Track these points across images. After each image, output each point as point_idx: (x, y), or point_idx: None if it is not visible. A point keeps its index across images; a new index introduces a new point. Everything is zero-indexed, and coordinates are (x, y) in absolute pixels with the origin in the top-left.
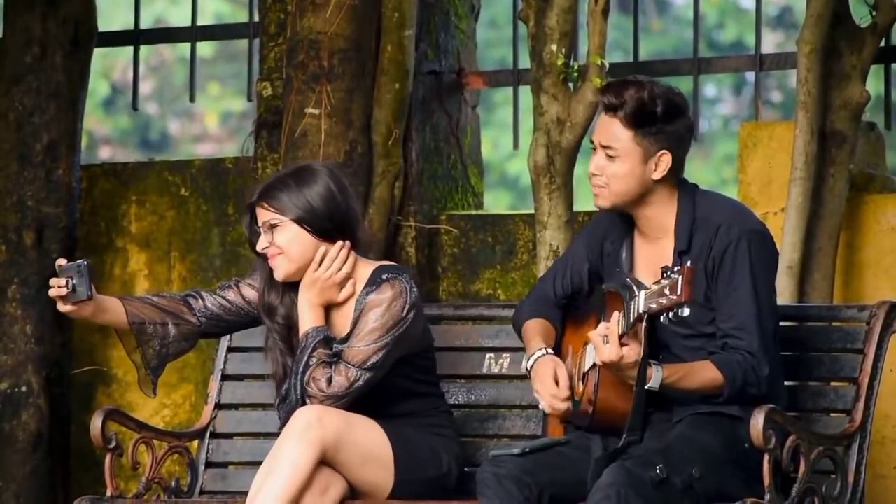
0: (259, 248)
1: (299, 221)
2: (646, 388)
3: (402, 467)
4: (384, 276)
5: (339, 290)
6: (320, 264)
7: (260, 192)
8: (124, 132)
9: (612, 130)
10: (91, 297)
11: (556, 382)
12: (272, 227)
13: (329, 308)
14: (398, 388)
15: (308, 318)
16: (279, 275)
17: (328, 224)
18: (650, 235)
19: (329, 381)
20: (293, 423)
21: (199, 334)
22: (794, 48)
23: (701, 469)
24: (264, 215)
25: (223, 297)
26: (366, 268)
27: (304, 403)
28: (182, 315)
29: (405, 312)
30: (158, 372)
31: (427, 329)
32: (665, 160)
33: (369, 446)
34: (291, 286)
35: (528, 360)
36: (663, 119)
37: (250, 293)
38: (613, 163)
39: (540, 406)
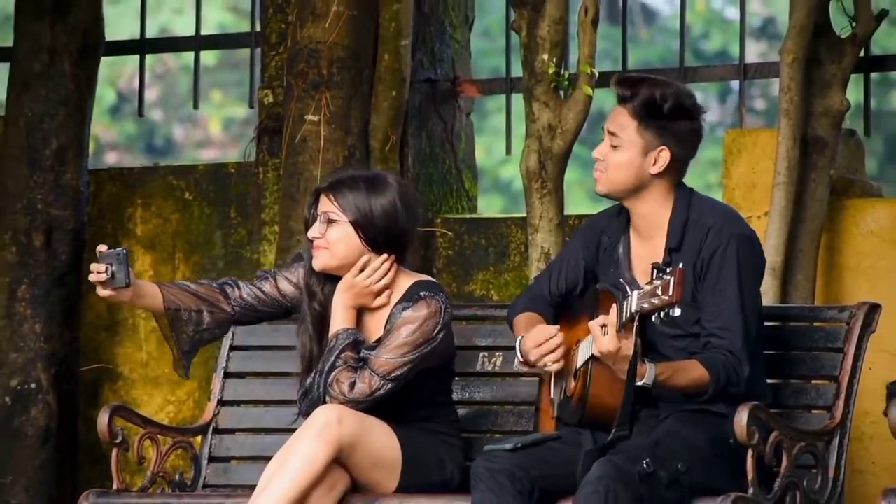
0: (310, 234)
1: (355, 225)
2: (639, 384)
3: (408, 472)
4: (421, 293)
5: (374, 297)
6: (361, 271)
7: (331, 183)
8: (130, 138)
9: (620, 119)
10: (129, 284)
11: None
12: (329, 220)
13: (361, 312)
14: (416, 395)
15: (340, 319)
16: (317, 264)
17: (381, 238)
18: (644, 233)
19: (352, 385)
20: (313, 419)
21: (233, 322)
22: (777, 58)
23: (687, 463)
24: (326, 205)
25: (259, 289)
26: (405, 280)
27: (325, 401)
28: (217, 303)
29: (436, 332)
30: (191, 356)
31: (452, 345)
32: (664, 156)
33: (382, 451)
34: (332, 277)
35: (517, 344)
36: (668, 116)
37: (286, 286)
38: (616, 151)
39: (549, 369)
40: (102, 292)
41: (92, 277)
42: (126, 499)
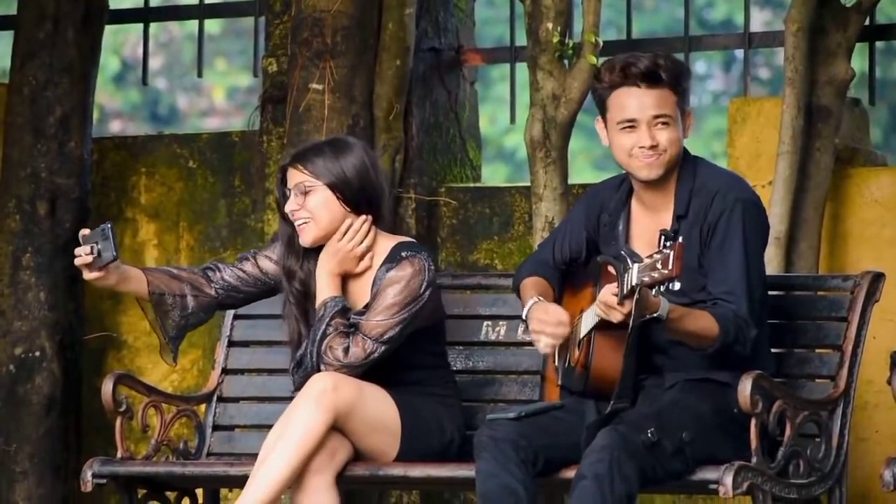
0: (288, 208)
1: (332, 188)
2: (653, 316)
3: (408, 436)
4: (403, 254)
5: (357, 262)
6: (343, 235)
7: (294, 155)
8: (134, 106)
9: (658, 98)
10: (116, 257)
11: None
12: (305, 191)
13: (346, 279)
14: (408, 359)
15: (326, 288)
16: (306, 239)
17: (359, 196)
18: (649, 203)
19: (346, 350)
20: (309, 387)
21: (217, 305)
22: (782, 26)
23: (691, 433)
24: (297, 177)
25: (240, 269)
26: (385, 242)
27: (318, 370)
28: (201, 287)
29: (422, 290)
30: (177, 342)
31: (440, 305)
32: (690, 119)
33: (379, 416)
34: (311, 253)
35: (524, 310)
36: (685, 80)
37: (267, 264)
38: (668, 129)
39: (539, 347)
40: (89, 275)
41: (77, 261)
42: (130, 467)
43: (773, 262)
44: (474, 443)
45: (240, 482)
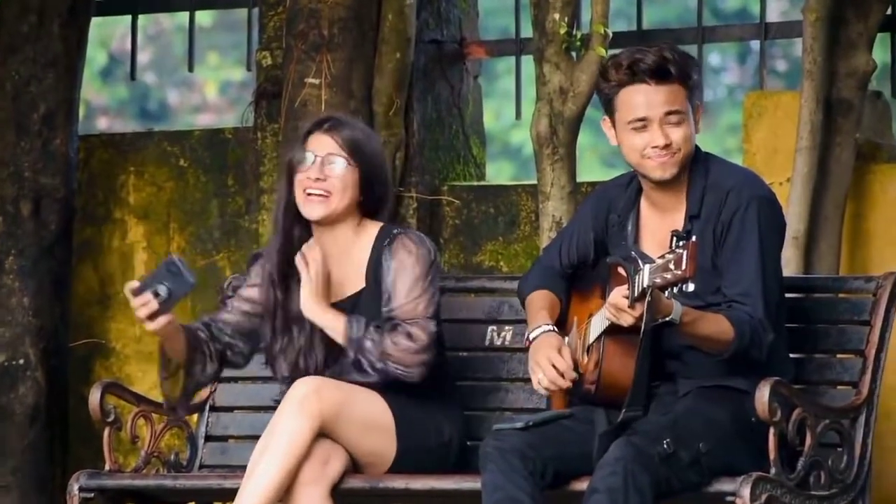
0: (305, 172)
1: (363, 174)
2: (666, 319)
3: (404, 435)
4: (395, 231)
5: (327, 285)
6: (307, 267)
7: (333, 122)
8: (122, 102)
9: (669, 95)
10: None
11: (558, 362)
12: (334, 162)
13: (338, 275)
14: None
15: (332, 321)
16: (316, 212)
17: (379, 194)
18: (660, 203)
19: (408, 335)
20: (290, 394)
21: (223, 365)
22: (800, 16)
23: (708, 443)
24: (329, 146)
25: (223, 322)
26: (370, 227)
27: (389, 372)
28: (215, 353)
29: (432, 256)
30: (189, 400)
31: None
32: (700, 113)
33: (370, 416)
34: (286, 283)
35: (531, 332)
36: (694, 74)
37: (252, 293)
38: (681, 127)
39: (534, 382)
40: (155, 324)
41: (141, 314)
42: (119, 480)
43: (791, 263)
44: (480, 454)
45: (234, 496)
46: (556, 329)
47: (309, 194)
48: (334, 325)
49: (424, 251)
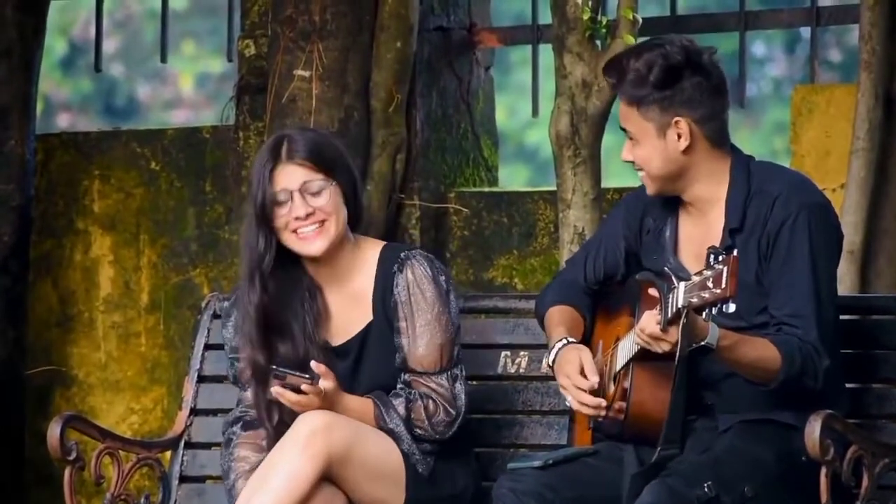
0: (294, 215)
1: (345, 188)
2: (701, 344)
3: (414, 483)
4: (402, 255)
5: (322, 398)
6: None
7: (287, 151)
8: (86, 97)
9: (622, 110)
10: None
11: (583, 374)
12: (316, 191)
13: (329, 305)
14: None
15: (350, 404)
16: (320, 245)
17: (357, 204)
18: (697, 211)
19: (439, 408)
20: (297, 428)
21: None
22: (857, 0)
23: (754, 486)
24: (301, 175)
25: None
26: (368, 248)
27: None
28: None
29: (447, 285)
30: None
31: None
32: (683, 127)
33: (379, 461)
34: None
35: (550, 352)
36: (659, 85)
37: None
38: (636, 146)
39: (567, 404)
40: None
41: (299, 401)
42: None
43: (846, 279)
44: (493, 496)
45: None
46: (575, 340)
47: (307, 232)
48: (352, 408)
49: (440, 280)
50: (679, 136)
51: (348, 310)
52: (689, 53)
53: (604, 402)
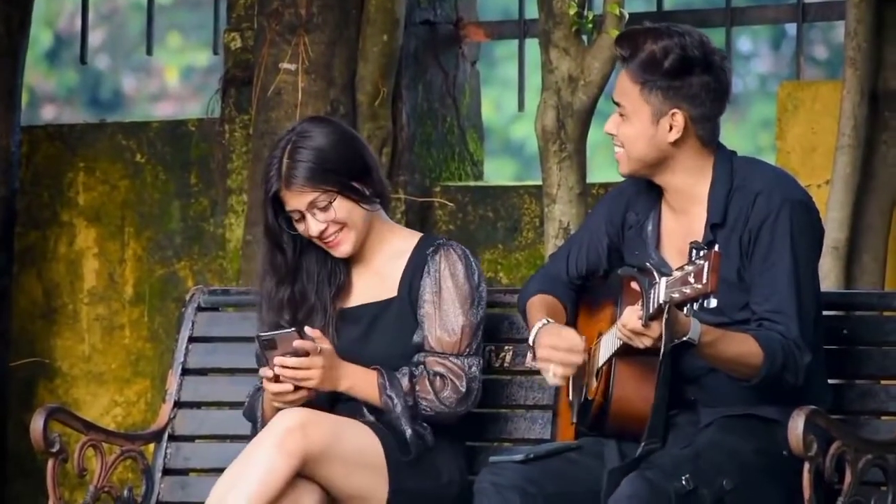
0: (313, 233)
1: (346, 191)
2: (683, 340)
3: (396, 475)
4: (438, 242)
5: (331, 374)
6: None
7: (286, 177)
8: (71, 89)
9: (623, 85)
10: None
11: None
12: (323, 206)
13: (366, 279)
14: None
15: (364, 384)
16: (346, 248)
17: (370, 188)
18: (678, 206)
19: (441, 379)
20: (274, 424)
21: None
22: None
23: (733, 480)
24: (303, 198)
25: None
26: (397, 236)
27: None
28: None
29: (478, 279)
30: None
31: None
32: (678, 120)
33: (358, 454)
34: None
35: (531, 335)
36: (670, 74)
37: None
38: (625, 123)
39: (548, 378)
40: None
41: (301, 363)
42: None
43: (830, 276)
44: (475, 489)
45: None
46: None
47: (330, 241)
48: (365, 393)
49: (473, 270)
50: (671, 128)
51: (371, 284)
52: (706, 51)
53: (584, 345)
